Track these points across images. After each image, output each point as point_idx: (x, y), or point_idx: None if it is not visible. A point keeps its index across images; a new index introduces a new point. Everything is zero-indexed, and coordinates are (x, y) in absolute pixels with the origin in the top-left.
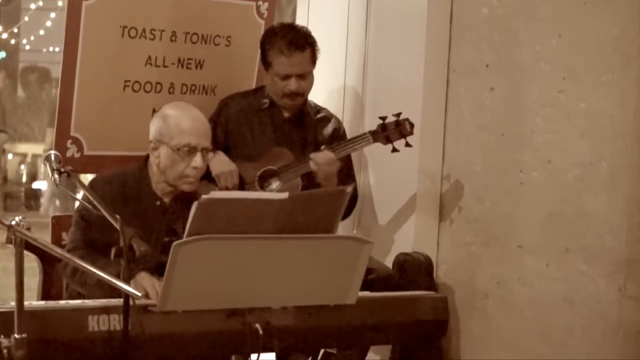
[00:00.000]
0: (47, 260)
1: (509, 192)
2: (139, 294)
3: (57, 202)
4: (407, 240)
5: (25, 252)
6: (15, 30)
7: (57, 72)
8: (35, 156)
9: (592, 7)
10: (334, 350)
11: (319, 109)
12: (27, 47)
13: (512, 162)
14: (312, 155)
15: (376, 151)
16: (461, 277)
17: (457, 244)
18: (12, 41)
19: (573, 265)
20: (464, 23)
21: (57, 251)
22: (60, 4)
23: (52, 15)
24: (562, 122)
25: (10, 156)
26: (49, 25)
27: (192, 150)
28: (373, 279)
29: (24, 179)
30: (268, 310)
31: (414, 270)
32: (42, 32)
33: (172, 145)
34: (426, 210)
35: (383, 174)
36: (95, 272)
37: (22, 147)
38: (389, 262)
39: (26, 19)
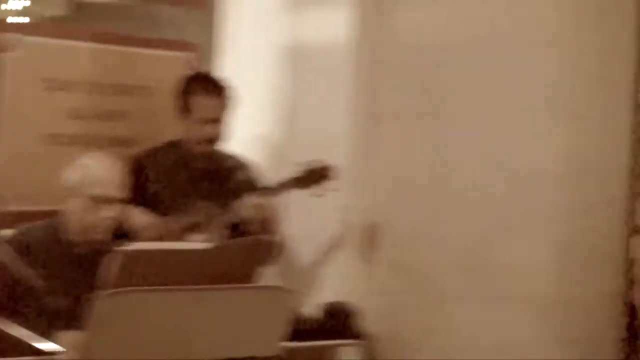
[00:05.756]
0: None
1: (434, 239)
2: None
3: None
4: (332, 288)
5: None
6: None
7: None
8: None
9: (515, 55)
10: None
11: (229, 156)
12: None
13: (437, 209)
14: (242, 200)
15: (300, 199)
16: (388, 326)
17: (384, 292)
18: None
19: (501, 311)
20: (390, 70)
21: None
22: None
23: None
24: (487, 168)
25: None
26: None
27: (106, 201)
28: (300, 329)
29: None
30: None
31: (340, 321)
32: None
33: (87, 195)
34: (352, 258)
35: (307, 222)
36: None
37: None
38: (315, 312)
39: None
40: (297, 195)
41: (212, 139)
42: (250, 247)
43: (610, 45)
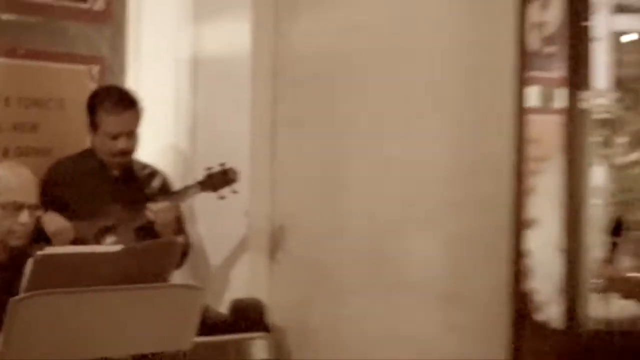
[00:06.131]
0: None
1: (335, 237)
2: None
3: None
4: (240, 285)
5: None
6: None
7: None
8: None
9: (404, 60)
10: None
11: (144, 165)
12: None
13: (336, 208)
14: (149, 205)
15: (205, 201)
16: (293, 319)
17: (289, 286)
18: None
19: (398, 301)
20: (288, 78)
21: None
22: None
23: None
24: (382, 169)
25: None
26: None
27: (18, 207)
28: (210, 326)
29: None
30: None
31: (248, 315)
32: None
33: None
34: (257, 255)
35: (213, 224)
36: None
37: None
38: (224, 308)
39: None
40: (204, 199)
41: (125, 153)
42: (158, 249)
43: (492, 46)
